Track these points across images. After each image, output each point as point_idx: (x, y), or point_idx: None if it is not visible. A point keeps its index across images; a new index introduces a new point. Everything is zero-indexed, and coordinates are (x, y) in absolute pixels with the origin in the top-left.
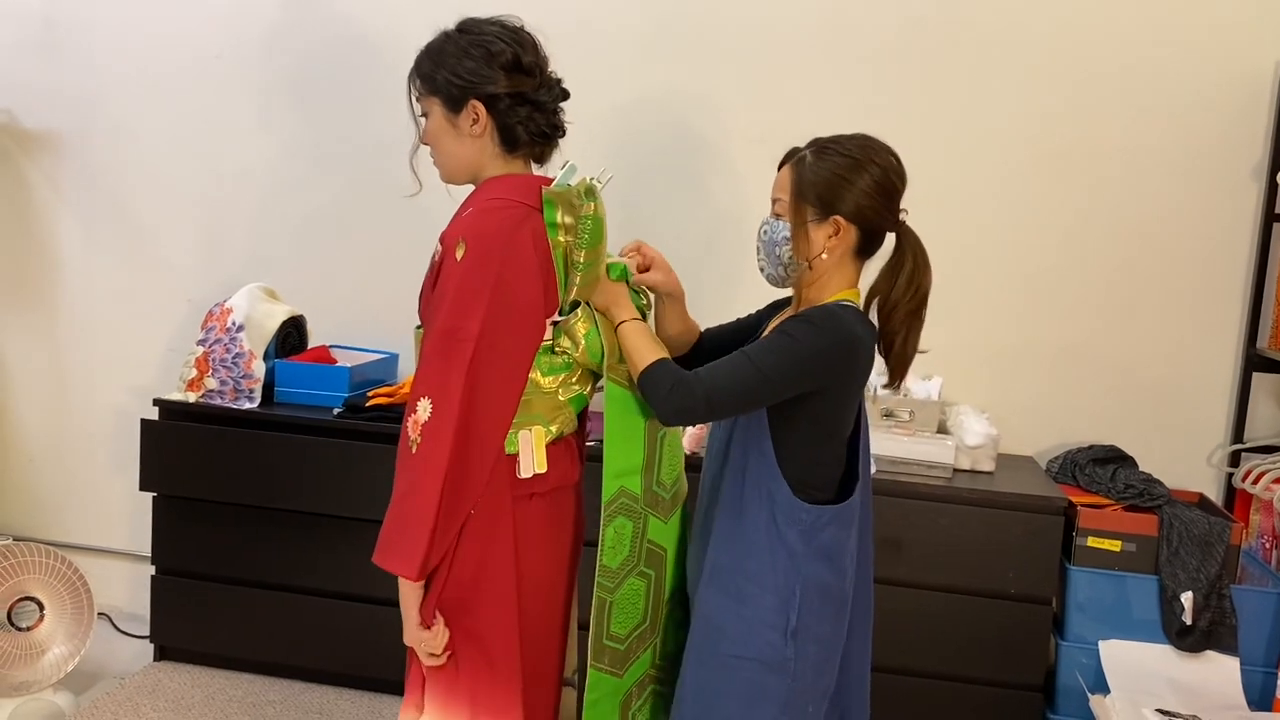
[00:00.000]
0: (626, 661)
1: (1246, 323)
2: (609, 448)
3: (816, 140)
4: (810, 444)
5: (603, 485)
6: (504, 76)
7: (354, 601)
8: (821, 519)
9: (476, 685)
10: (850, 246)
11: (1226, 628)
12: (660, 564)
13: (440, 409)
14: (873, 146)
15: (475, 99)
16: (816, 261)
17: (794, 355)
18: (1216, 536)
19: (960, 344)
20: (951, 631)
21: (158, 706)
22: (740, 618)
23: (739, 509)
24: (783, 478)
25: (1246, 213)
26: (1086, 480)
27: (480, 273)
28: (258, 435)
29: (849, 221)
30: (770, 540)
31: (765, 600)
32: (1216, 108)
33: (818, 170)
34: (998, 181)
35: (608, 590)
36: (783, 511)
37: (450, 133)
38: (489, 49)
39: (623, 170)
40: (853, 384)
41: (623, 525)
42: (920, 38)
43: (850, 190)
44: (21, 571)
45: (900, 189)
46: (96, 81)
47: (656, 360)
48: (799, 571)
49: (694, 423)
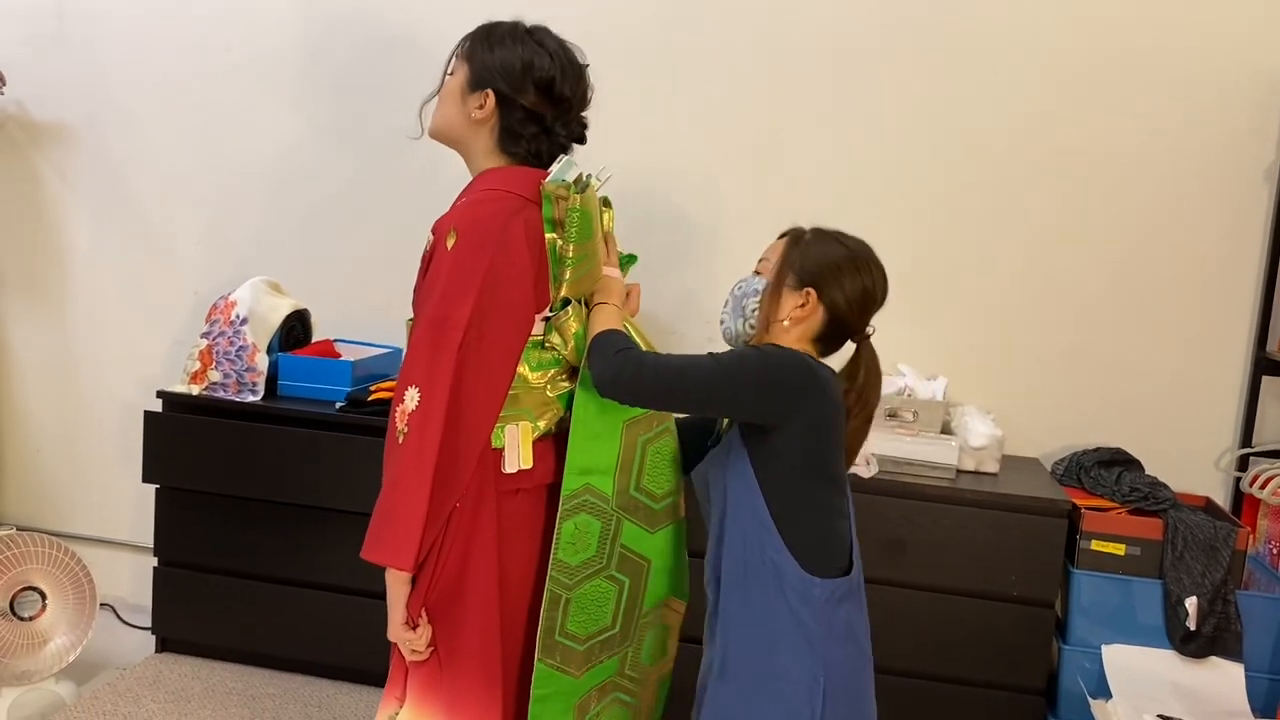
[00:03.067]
0: (586, 664)
1: (1256, 325)
2: (574, 441)
3: (821, 228)
4: (805, 495)
5: (563, 479)
6: (531, 92)
7: (355, 595)
8: (835, 595)
9: (456, 680)
10: (813, 328)
11: (1231, 634)
12: (639, 574)
13: (428, 398)
14: (870, 255)
15: (493, 90)
16: (777, 326)
17: (759, 368)
18: (1222, 541)
19: (966, 344)
20: (953, 633)
21: (158, 697)
22: (762, 713)
23: (744, 594)
24: (786, 548)
25: (1257, 215)
26: (1091, 483)
27: (471, 262)
28: (261, 428)
29: (820, 302)
30: (785, 624)
31: (785, 692)
32: (1227, 109)
33: (812, 248)
34: (1006, 182)
35: (564, 586)
36: (793, 589)
37: (458, 99)
38: (533, 61)
39: (629, 178)
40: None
41: (586, 523)
42: (928, 39)
43: (835, 279)
44: (24, 561)
45: (877, 303)
46: (106, 74)
47: (613, 329)
48: (820, 657)
49: (628, 396)
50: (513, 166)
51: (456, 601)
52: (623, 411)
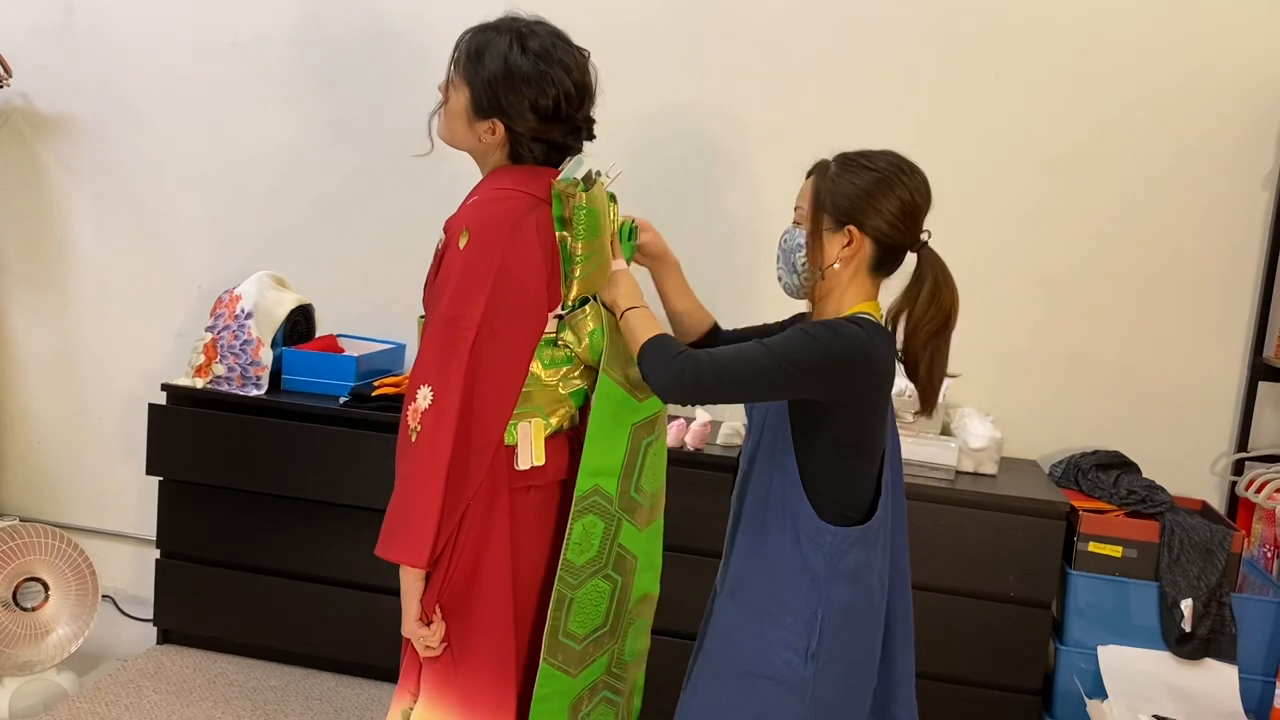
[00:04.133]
0: (582, 663)
1: (1254, 331)
2: (589, 445)
3: (844, 153)
4: (835, 463)
5: (577, 481)
6: (534, 120)
7: (357, 589)
8: (847, 540)
9: (471, 676)
10: (866, 260)
11: (1226, 636)
12: (629, 571)
13: (441, 397)
14: (900, 166)
15: (499, 120)
16: (829, 271)
17: (810, 354)
18: (1218, 544)
19: (966, 347)
20: (951, 633)
21: (160, 689)
22: (760, 636)
23: (762, 529)
24: (806, 499)
25: (1256, 221)
26: (1089, 485)
27: (483, 261)
28: (264, 422)
29: (864, 234)
30: (793, 562)
31: (785, 621)
32: (1228, 117)
33: (840, 183)
34: (1008, 187)
35: (570, 586)
36: (807, 534)
37: (464, 122)
38: (539, 88)
39: (641, 177)
40: (874, 399)
41: (593, 524)
42: (933, 45)
43: (871, 206)
44: (27, 552)
45: (923, 210)
46: (112, 67)
47: (660, 334)
48: (821, 595)
49: (690, 397)
50: (525, 166)
51: (470, 598)
52: (632, 415)
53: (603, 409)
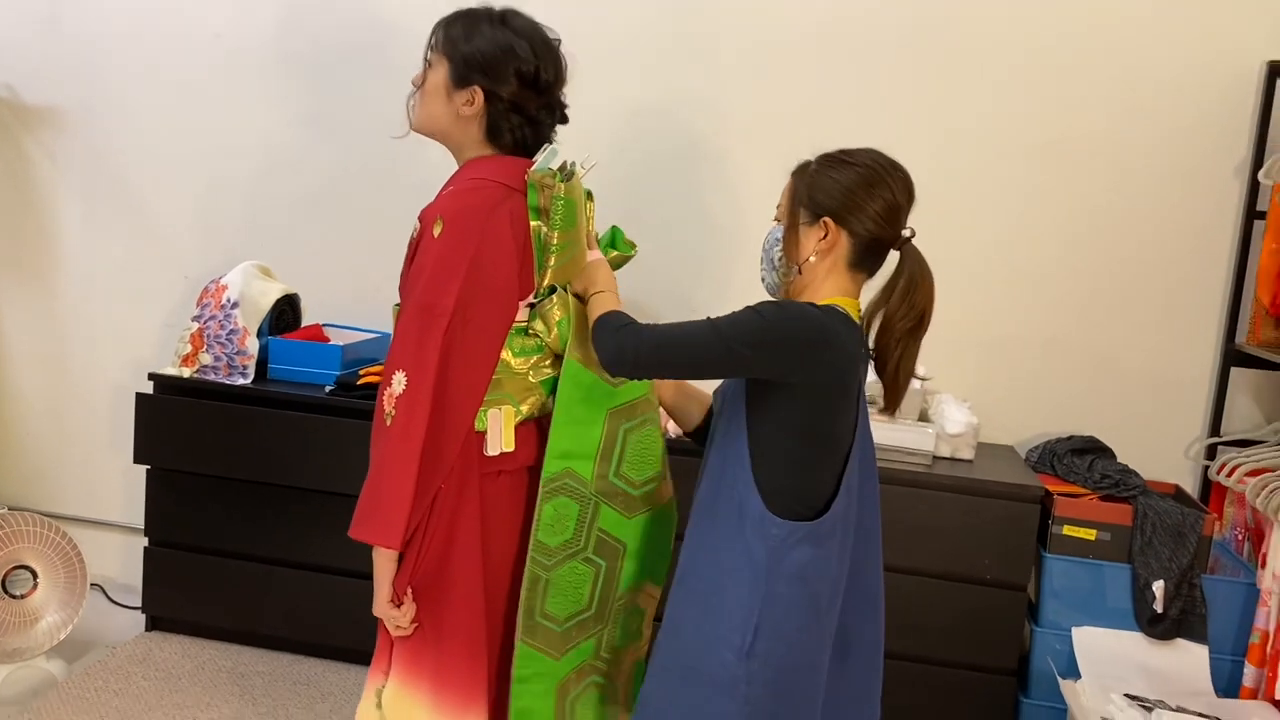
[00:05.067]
0: (565, 645)
1: (1226, 318)
2: (555, 428)
3: (826, 152)
4: (786, 450)
5: (544, 463)
6: (514, 83)
7: (343, 576)
8: (794, 535)
9: (440, 656)
10: (843, 255)
11: (1197, 616)
12: (616, 557)
13: (415, 382)
14: (881, 162)
15: (479, 87)
16: (806, 265)
17: (756, 329)
18: (1189, 527)
19: (945, 335)
20: (928, 615)
21: (148, 675)
22: (699, 629)
23: (711, 516)
24: (755, 487)
25: (1229, 210)
26: (1064, 470)
27: (457, 250)
28: (251, 411)
29: (840, 228)
30: (736, 552)
31: (723, 614)
32: (1202, 107)
33: (819, 178)
34: (984, 177)
35: (543, 567)
36: (752, 523)
37: (442, 97)
38: (515, 51)
39: (623, 174)
40: (826, 383)
41: (565, 505)
42: (913, 42)
43: (850, 202)
44: (16, 540)
45: (905, 207)
46: (97, 59)
47: (613, 310)
48: (761, 590)
49: (637, 373)
50: (498, 156)
51: (441, 579)
52: (607, 400)
53: (570, 393)
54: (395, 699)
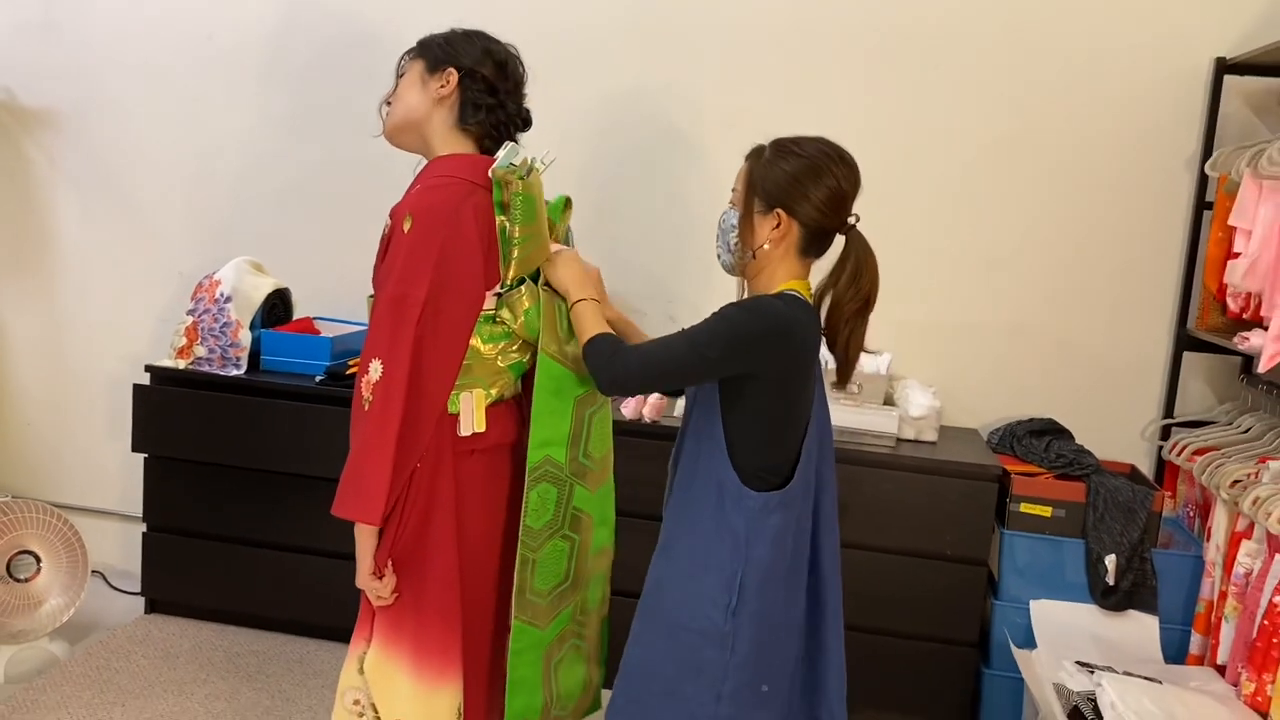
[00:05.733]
0: (549, 616)
1: (1178, 305)
2: (535, 419)
3: (778, 140)
4: (758, 432)
5: (528, 454)
6: (490, 65)
7: (335, 558)
8: (769, 505)
9: (419, 625)
10: (794, 242)
11: (1147, 588)
12: (585, 529)
13: (390, 369)
14: (828, 153)
15: (455, 68)
16: (760, 252)
17: (726, 336)
18: (1139, 504)
19: (910, 322)
20: (893, 590)
21: (148, 654)
22: (686, 590)
23: (690, 492)
24: (731, 466)
25: (1180, 201)
26: (1023, 451)
27: (425, 244)
28: (244, 400)
29: (792, 219)
30: (717, 523)
31: (710, 579)
32: (1155, 102)
33: (772, 169)
34: (947, 170)
35: (530, 549)
36: (731, 498)
37: (417, 86)
38: (486, 44)
39: (599, 163)
40: (793, 369)
41: (547, 490)
42: (878, 33)
43: (799, 193)
44: (19, 526)
45: (850, 196)
46: (93, 61)
47: (600, 333)
48: (743, 555)
49: (630, 393)
50: (463, 154)
51: (419, 551)
52: (574, 388)
53: (545, 386)
54: (376, 664)
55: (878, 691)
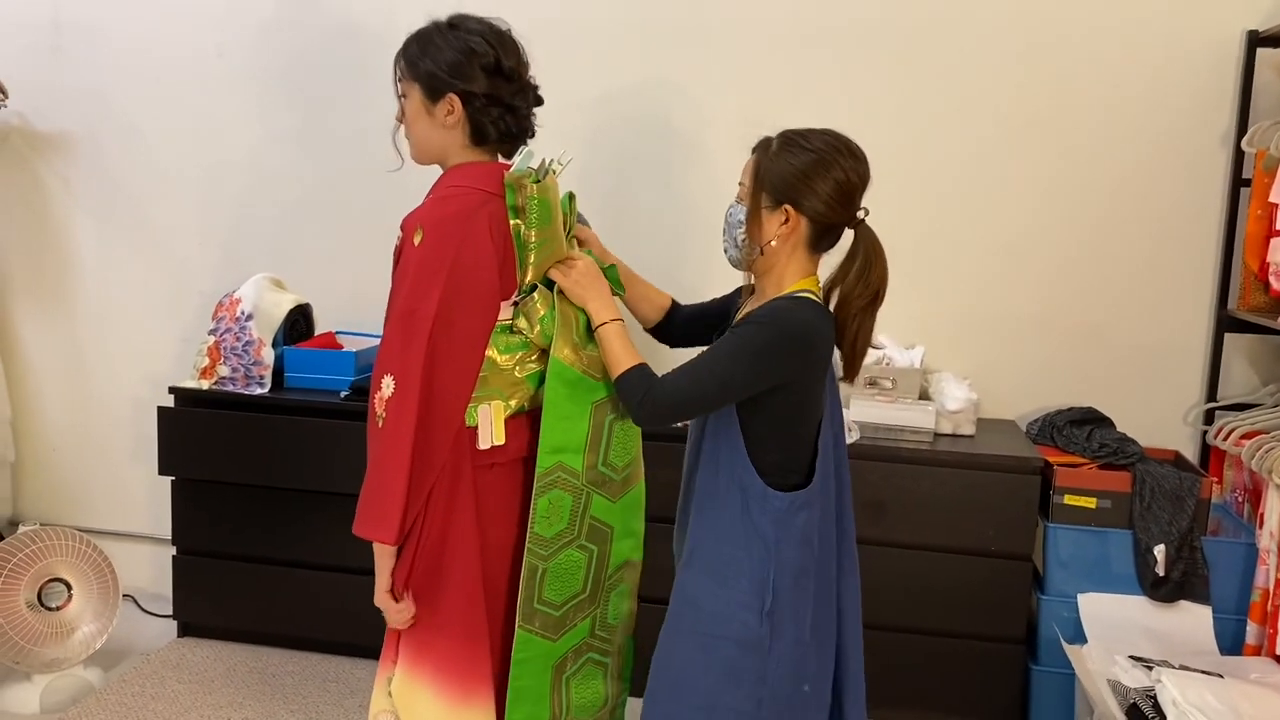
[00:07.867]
0: (561, 628)
1: (1217, 285)
2: (545, 424)
3: (785, 132)
4: (778, 435)
5: (538, 459)
6: (483, 77)
7: (365, 575)
8: (794, 504)
9: (443, 644)
10: (803, 238)
11: (1199, 578)
12: (604, 540)
13: (403, 385)
14: (836, 147)
15: (453, 94)
16: (768, 248)
17: (748, 358)
18: (1187, 491)
19: (942, 313)
20: (936, 589)
21: (182, 679)
22: (717, 599)
23: (714, 499)
24: (754, 470)
25: (1216, 178)
26: (1064, 441)
27: (437, 257)
28: (269, 419)
29: (800, 214)
30: (745, 529)
31: (741, 584)
32: (1186, 77)
33: (779, 162)
34: (975, 153)
35: (540, 557)
36: (756, 501)
37: (425, 119)
38: (473, 49)
39: (599, 159)
40: (813, 373)
41: (559, 498)
42: (893, 11)
43: (807, 187)
44: (49, 555)
45: (859, 189)
46: (103, 83)
47: (633, 366)
48: (772, 558)
49: (659, 423)
50: (478, 163)
51: (441, 569)
52: (590, 393)
53: (556, 389)
54: (403, 686)
55: (924, 692)
